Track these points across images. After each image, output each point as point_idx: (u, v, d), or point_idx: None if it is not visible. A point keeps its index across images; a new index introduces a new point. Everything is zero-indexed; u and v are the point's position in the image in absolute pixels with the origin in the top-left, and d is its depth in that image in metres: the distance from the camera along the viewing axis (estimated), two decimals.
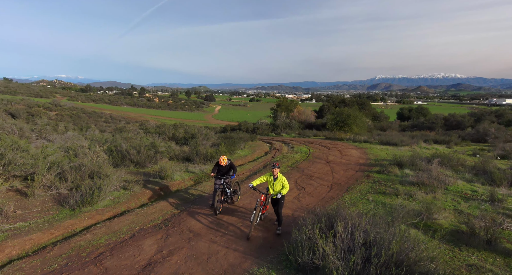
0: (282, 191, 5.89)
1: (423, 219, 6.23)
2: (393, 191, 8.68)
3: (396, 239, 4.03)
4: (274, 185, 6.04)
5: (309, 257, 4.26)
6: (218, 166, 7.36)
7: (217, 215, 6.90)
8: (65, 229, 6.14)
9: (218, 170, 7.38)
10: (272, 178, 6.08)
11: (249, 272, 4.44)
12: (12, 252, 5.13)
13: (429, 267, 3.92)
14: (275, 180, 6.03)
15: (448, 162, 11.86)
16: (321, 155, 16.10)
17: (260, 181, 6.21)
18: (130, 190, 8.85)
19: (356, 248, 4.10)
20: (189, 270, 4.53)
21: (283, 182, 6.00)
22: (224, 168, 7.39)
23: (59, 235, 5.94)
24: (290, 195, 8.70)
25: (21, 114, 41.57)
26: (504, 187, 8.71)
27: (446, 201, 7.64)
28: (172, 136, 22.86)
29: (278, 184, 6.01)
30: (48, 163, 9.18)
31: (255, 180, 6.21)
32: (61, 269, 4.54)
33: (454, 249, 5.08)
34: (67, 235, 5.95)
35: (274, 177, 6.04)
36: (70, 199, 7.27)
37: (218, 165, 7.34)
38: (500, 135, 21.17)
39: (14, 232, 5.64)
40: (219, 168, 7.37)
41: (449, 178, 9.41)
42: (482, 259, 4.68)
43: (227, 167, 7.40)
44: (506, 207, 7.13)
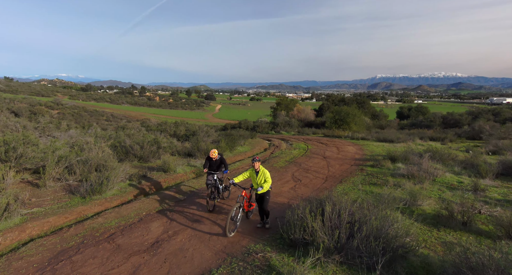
0: (264, 185, 5.74)
1: (407, 205, 6.75)
2: (383, 182, 9.20)
3: (376, 217, 4.54)
4: (258, 179, 5.88)
5: (300, 234, 4.77)
6: (209, 160, 7.32)
7: (210, 212, 6.83)
8: (78, 214, 6.67)
9: (210, 165, 7.31)
10: (254, 172, 5.94)
11: (247, 248, 4.96)
12: (32, 232, 5.66)
13: (405, 241, 4.43)
14: (258, 174, 5.88)
15: (439, 156, 12.36)
16: (319, 151, 16.60)
17: (243, 177, 6.04)
18: (135, 181, 9.39)
19: (342, 225, 4.61)
20: (193, 246, 5.05)
21: (265, 175, 5.83)
22: (215, 163, 7.32)
23: (73, 219, 6.46)
24: (286, 186, 9.23)
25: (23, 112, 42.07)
26: (489, 179, 9.22)
27: (432, 191, 8.15)
28: (173, 133, 23.37)
29: (261, 178, 5.85)
30: (57, 157, 9.70)
31: (238, 177, 6.03)
32: (78, 246, 5.06)
33: (433, 230, 5.60)
34: (80, 219, 6.48)
35: (256, 171, 5.90)
36: (81, 188, 7.81)
37: (209, 160, 7.31)
38: (494, 133, 21.66)
39: (32, 216, 6.17)
40: (210, 163, 7.32)
41: (438, 171, 9.93)
42: (456, 238, 5.19)
43: (217, 161, 7.33)
44: (487, 196, 7.64)
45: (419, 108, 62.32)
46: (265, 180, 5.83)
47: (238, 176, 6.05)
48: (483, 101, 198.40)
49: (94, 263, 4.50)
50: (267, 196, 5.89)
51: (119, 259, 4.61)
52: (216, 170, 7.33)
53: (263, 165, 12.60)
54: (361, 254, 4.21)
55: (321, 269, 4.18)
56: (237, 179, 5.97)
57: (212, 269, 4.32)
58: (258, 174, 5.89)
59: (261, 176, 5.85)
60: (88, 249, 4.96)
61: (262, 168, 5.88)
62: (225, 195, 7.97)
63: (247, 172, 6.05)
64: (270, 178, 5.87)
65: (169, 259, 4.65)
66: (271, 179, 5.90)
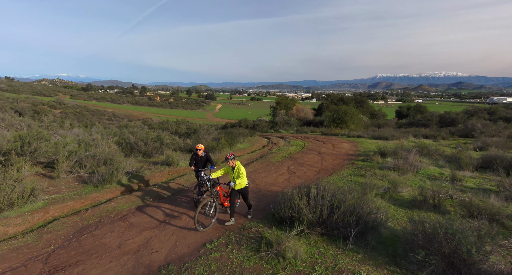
0: (237, 181, 5.77)
1: (388, 192, 7.51)
2: (371, 173, 9.95)
3: (353, 197, 5.30)
4: (234, 175, 5.98)
5: (289, 212, 5.53)
6: (195, 156, 7.28)
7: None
8: (92, 200, 7.43)
9: (196, 162, 7.28)
10: (230, 168, 6.06)
11: (242, 225, 5.73)
12: (54, 213, 6.43)
13: (377, 217, 5.19)
14: (233, 170, 5.99)
15: (426, 152, 13.11)
16: (315, 148, 17.36)
17: (220, 173, 6.15)
18: (142, 173, 10.16)
19: (324, 204, 5.37)
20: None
21: (240, 170, 5.91)
22: (201, 160, 7.31)
23: (88, 204, 7.23)
24: (281, 177, 9.99)
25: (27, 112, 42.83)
26: (468, 171, 9.98)
27: (414, 181, 8.91)
28: (175, 131, 24.14)
29: (236, 173, 5.94)
30: (67, 152, 10.48)
31: (215, 172, 6.12)
32: (96, 223, 5.83)
33: (407, 211, 6.35)
34: (94, 204, 7.24)
35: (232, 167, 6.01)
36: (93, 178, 8.58)
37: (196, 156, 7.27)
38: (486, 130, 22.39)
39: (52, 201, 6.94)
40: (196, 159, 7.28)
41: (422, 164, 10.69)
42: (425, 217, 5.94)
43: (203, 158, 7.33)
44: (463, 185, 8.39)
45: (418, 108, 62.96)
46: (240, 175, 5.88)
47: (216, 171, 6.18)
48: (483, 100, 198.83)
49: (112, 236, 5.27)
50: (245, 192, 6.06)
51: (133, 233, 5.39)
52: (203, 167, 7.34)
53: (261, 160, 13.35)
54: (339, 227, 4.97)
55: (305, 239, 4.95)
56: (214, 175, 6.06)
57: (213, 240, 5.09)
58: (234, 170, 6.00)
59: (236, 172, 5.95)
60: (106, 226, 5.73)
61: (238, 164, 5.99)
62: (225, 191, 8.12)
63: (224, 169, 6.19)
64: (245, 174, 5.97)
65: (176, 233, 5.42)
66: (245, 175, 5.97)
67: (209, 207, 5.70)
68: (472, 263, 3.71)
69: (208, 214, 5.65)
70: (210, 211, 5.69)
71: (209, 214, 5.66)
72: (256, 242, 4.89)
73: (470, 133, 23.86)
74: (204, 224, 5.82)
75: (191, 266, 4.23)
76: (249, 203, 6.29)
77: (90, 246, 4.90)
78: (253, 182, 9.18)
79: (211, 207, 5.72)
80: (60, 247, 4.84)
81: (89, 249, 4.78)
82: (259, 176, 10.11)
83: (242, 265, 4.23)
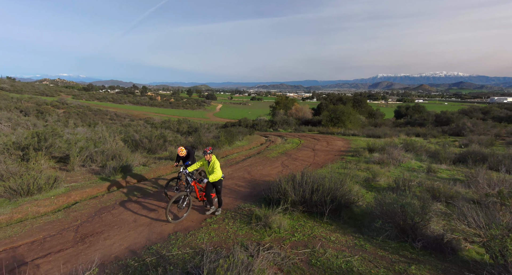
0: (211, 176, 5.88)
1: (368, 181, 8.49)
2: (357, 167, 10.93)
3: (330, 181, 6.28)
4: (209, 168, 6.07)
5: (277, 195, 6.52)
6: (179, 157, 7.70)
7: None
8: (107, 188, 8.43)
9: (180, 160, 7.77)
10: (206, 162, 6.14)
11: (238, 205, 6.72)
12: (76, 197, 7.43)
13: (351, 197, 6.17)
14: (209, 164, 6.08)
15: (412, 148, 14.09)
16: (310, 145, 18.34)
17: (196, 167, 6.26)
18: (148, 166, 11.16)
19: (307, 187, 6.35)
20: (196, 205, 6.81)
21: (214, 165, 6.00)
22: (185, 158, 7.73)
23: (103, 191, 8.23)
24: (275, 170, 10.97)
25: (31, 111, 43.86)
26: (445, 164, 10.95)
27: (394, 172, 9.88)
28: (176, 130, 25.14)
29: (210, 167, 6.03)
30: (78, 148, 11.49)
31: (192, 166, 6.25)
32: (113, 205, 6.83)
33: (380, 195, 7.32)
34: (108, 191, 8.24)
35: (208, 162, 6.10)
36: (106, 170, 9.58)
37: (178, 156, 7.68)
38: (475, 129, 23.33)
39: (72, 188, 7.94)
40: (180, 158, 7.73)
41: (405, 158, 11.66)
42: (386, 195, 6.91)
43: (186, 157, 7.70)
44: (437, 176, 9.37)
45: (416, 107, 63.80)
46: (214, 170, 5.96)
47: (192, 165, 6.27)
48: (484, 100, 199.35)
49: (128, 214, 6.27)
50: (218, 185, 6.13)
51: (145, 212, 6.38)
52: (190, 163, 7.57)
53: (258, 156, 14.33)
54: (317, 205, 5.96)
55: (289, 215, 5.94)
56: (190, 168, 6.18)
57: (212, 216, 6.08)
58: (209, 164, 6.09)
59: (211, 166, 6.03)
60: (121, 207, 6.73)
61: (213, 159, 6.08)
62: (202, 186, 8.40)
63: (200, 162, 6.30)
64: (220, 169, 6.08)
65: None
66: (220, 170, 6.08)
67: (182, 200, 5.93)
68: (416, 228, 4.69)
69: (181, 207, 5.87)
70: (183, 204, 5.91)
71: (181, 207, 5.88)
72: (248, 218, 5.89)
73: (461, 131, 24.80)
74: (178, 216, 6.11)
75: (194, 233, 5.22)
76: (220, 199, 6.28)
77: (111, 221, 5.90)
78: (249, 174, 10.17)
79: (184, 201, 5.94)
80: (85, 222, 5.84)
81: (110, 223, 5.78)
82: (255, 169, 11.10)
83: (235, 233, 5.22)
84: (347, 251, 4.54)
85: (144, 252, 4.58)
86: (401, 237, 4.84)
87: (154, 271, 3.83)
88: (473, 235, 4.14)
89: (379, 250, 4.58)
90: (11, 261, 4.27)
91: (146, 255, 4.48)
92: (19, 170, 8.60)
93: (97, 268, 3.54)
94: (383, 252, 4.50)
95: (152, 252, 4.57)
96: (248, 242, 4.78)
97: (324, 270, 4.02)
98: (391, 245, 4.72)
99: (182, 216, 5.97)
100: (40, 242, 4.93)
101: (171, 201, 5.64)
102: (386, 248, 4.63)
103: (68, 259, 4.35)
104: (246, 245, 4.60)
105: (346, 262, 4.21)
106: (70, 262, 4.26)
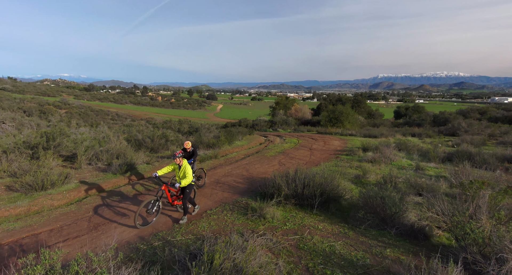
0: (183, 181, 5.74)
1: (358, 177, 9.04)
2: (350, 165, 11.48)
3: (320, 177, 6.84)
4: (180, 173, 5.91)
5: (272, 189, 7.08)
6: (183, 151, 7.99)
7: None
8: (113, 184, 9.00)
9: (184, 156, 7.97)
10: (177, 167, 5.98)
11: (235, 199, 7.30)
12: (85, 192, 8.00)
13: (339, 191, 6.73)
14: (180, 169, 5.92)
15: (405, 147, 14.63)
16: (307, 145, 18.90)
17: (167, 170, 6.07)
18: (151, 164, 11.73)
19: (299, 182, 6.92)
20: (198, 199, 7.39)
21: (186, 169, 5.82)
22: (188, 153, 8.12)
23: (110, 187, 8.80)
24: (272, 168, 11.53)
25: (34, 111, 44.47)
26: (434, 163, 11.49)
27: (384, 170, 10.44)
28: (178, 130, 25.73)
29: (181, 172, 5.88)
30: (84, 147, 12.06)
31: (161, 169, 6.06)
32: (120, 199, 7.41)
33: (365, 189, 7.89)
34: (115, 187, 8.82)
35: (179, 166, 5.93)
36: (112, 168, 10.16)
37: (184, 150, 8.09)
38: (470, 129, 23.87)
39: (82, 183, 8.52)
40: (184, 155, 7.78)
41: (396, 157, 12.22)
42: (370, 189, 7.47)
43: (190, 152, 8.12)
44: (425, 173, 9.93)
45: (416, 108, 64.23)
46: (185, 175, 5.80)
47: (162, 169, 6.10)
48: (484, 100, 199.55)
49: (134, 207, 6.84)
50: (187, 189, 5.90)
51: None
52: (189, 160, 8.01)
53: (256, 155, 14.89)
54: (308, 198, 6.52)
55: (282, 207, 6.51)
56: (160, 172, 5.98)
57: (212, 208, 6.66)
58: (180, 168, 5.90)
59: (182, 171, 5.85)
60: (128, 200, 7.31)
61: (185, 163, 5.89)
62: (200, 183, 8.67)
63: (171, 166, 6.08)
64: (191, 174, 5.88)
65: None
66: (191, 175, 5.90)
67: (151, 205, 5.66)
68: (394, 217, 5.25)
69: (150, 212, 5.62)
70: (152, 209, 5.64)
71: (151, 212, 5.62)
72: (245, 210, 6.46)
73: (456, 131, 25.34)
74: (147, 221, 5.85)
75: (196, 223, 5.80)
76: (186, 206, 5.91)
77: (120, 212, 6.47)
78: (247, 172, 10.74)
79: (153, 206, 5.67)
80: (97, 213, 6.42)
81: (119, 214, 6.35)
82: (253, 167, 11.67)
83: (233, 222, 5.80)
84: (331, 238, 5.10)
85: (151, 238, 5.15)
86: (381, 225, 5.40)
87: (162, 252, 4.39)
88: (441, 222, 4.69)
89: (361, 236, 5.14)
90: (35, 244, 4.84)
91: (154, 240, 5.05)
92: (31, 167, 9.20)
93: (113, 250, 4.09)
94: (363, 238, 5.06)
95: (158, 238, 5.15)
96: (244, 230, 5.35)
97: (310, 253, 4.58)
98: (372, 233, 5.28)
99: (151, 221, 5.74)
100: (58, 230, 5.51)
101: (141, 206, 5.48)
102: (367, 235, 5.19)
103: (85, 243, 4.93)
104: (242, 232, 5.17)
105: (330, 246, 4.78)
106: (87, 246, 4.83)
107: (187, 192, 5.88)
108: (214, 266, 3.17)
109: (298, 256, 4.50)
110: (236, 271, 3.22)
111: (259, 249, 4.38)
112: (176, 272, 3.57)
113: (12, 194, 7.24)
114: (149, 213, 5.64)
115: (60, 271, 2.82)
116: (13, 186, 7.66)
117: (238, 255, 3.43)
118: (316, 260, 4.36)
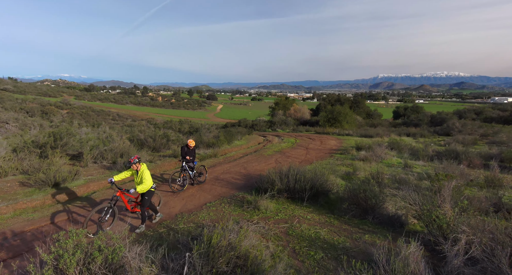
0: (139, 187, 5.45)
1: (349, 174, 9.66)
2: (343, 163, 12.09)
3: (310, 173, 7.45)
4: (137, 179, 5.67)
5: (266, 184, 7.69)
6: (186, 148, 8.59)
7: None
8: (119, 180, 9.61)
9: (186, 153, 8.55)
10: (135, 172, 5.72)
11: (233, 194, 7.92)
12: (94, 188, 8.62)
13: (328, 186, 7.34)
14: (137, 174, 5.66)
15: (397, 146, 15.24)
16: (304, 144, 19.52)
17: (124, 176, 5.80)
18: (154, 162, 12.35)
19: (292, 178, 7.52)
20: (199, 193, 8.01)
21: (143, 175, 5.57)
22: (191, 152, 8.62)
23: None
24: (268, 166, 12.14)
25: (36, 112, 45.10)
26: (423, 161, 12.10)
27: (374, 167, 11.03)
28: (178, 130, 26.35)
29: (138, 178, 5.63)
30: (89, 146, 12.67)
31: (119, 175, 5.78)
32: None
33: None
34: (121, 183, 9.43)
35: (137, 171, 5.68)
36: (117, 165, 10.77)
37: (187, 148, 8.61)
38: (463, 129, 24.48)
39: (89, 180, 9.13)
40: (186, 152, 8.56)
41: (387, 155, 12.82)
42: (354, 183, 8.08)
43: (193, 151, 8.66)
44: (412, 170, 10.54)
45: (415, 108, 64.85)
46: (142, 181, 5.54)
47: (120, 174, 5.82)
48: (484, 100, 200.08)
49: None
50: (146, 196, 5.62)
51: (155, 199, 7.56)
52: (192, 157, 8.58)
53: (254, 154, 15.50)
54: (299, 192, 7.13)
55: (275, 200, 7.13)
56: (117, 177, 5.69)
57: (211, 201, 7.28)
58: (138, 173, 5.66)
59: (139, 176, 5.61)
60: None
61: (142, 168, 5.63)
62: (202, 179, 9.24)
63: (128, 171, 5.82)
64: (150, 180, 5.61)
65: (185, 198, 7.62)
66: (150, 180, 5.61)
67: (105, 212, 5.32)
68: (374, 208, 5.86)
69: (103, 220, 5.28)
70: (105, 217, 5.31)
71: (103, 220, 5.28)
72: (241, 203, 7.07)
73: (450, 131, 25.95)
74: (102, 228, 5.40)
75: (196, 213, 6.42)
76: (144, 215, 5.58)
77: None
78: (245, 169, 11.35)
79: (107, 213, 5.33)
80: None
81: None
82: (250, 165, 12.28)
83: (230, 213, 6.41)
84: (318, 226, 5.71)
85: (157, 226, 5.76)
86: (363, 215, 6.01)
87: (167, 236, 5.00)
88: (413, 211, 5.30)
89: (344, 225, 5.75)
90: (56, 230, 5.45)
91: (159, 227, 5.67)
92: (41, 165, 9.81)
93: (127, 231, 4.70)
94: (346, 226, 5.67)
95: (163, 225, 5.77)
96: (240, 219, 5.96)
97: (298, 238, 5.19)
98: (354, 221, 5.89)
99: (105, 229, 5.33)
100: (72, 219, 6.12)
101: (92, 212, 5.15)
102: (350, 224, 5.80)
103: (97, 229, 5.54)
104: (238, 220, 5.77)
105: (316, 233, 5.39)
106: None
107: (146, 199, 5.59)
108: (212, 244, 3.77)
109: (287, 240, 5.11)
110: (230, 248, 3.82)
111: (253, 234, 5.00)
112: (180, 251, 4.17)
113: (26, 189, 7.85)
114: (102, 221, 5.27)
115: (85, 245, 3.42)
116: (27, 182, 8.28)
117: (232, 236, 4.03)
118: (302, 244, 4.97)
